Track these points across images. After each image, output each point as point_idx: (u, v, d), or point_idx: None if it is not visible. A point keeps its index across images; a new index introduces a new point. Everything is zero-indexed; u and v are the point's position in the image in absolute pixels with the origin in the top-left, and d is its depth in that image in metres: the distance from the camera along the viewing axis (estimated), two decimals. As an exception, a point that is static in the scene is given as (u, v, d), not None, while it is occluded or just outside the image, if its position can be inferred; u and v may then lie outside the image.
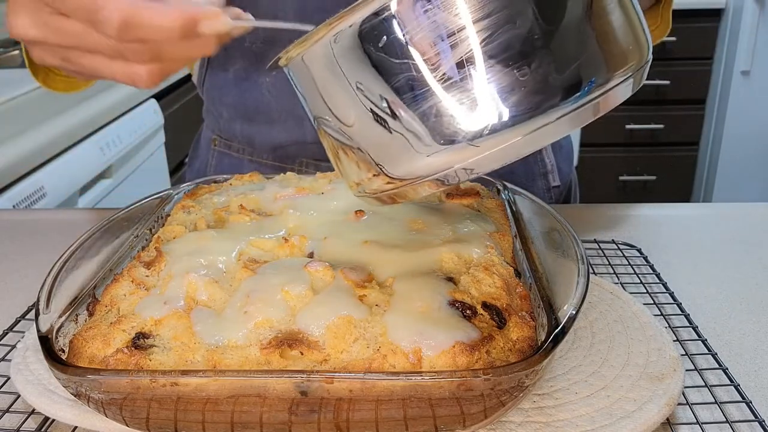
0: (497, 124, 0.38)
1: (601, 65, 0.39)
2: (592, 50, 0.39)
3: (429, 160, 0.39)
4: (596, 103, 0.39)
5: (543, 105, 0.38)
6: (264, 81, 0.87)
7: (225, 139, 0.98)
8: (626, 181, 3.04)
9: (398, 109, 0.39)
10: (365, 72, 0.39)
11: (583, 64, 0.38)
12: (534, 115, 0.38)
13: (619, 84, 0.40)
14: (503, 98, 0.37)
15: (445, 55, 0.37)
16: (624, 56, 0.40)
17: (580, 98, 0.38)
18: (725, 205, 0.95)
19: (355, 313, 0.47)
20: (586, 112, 0.39)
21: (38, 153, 1.41)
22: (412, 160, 0.40)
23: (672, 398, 0.49)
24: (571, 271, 0.49)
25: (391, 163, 0.41)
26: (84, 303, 0.52)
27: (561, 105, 0.38)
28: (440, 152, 0.39)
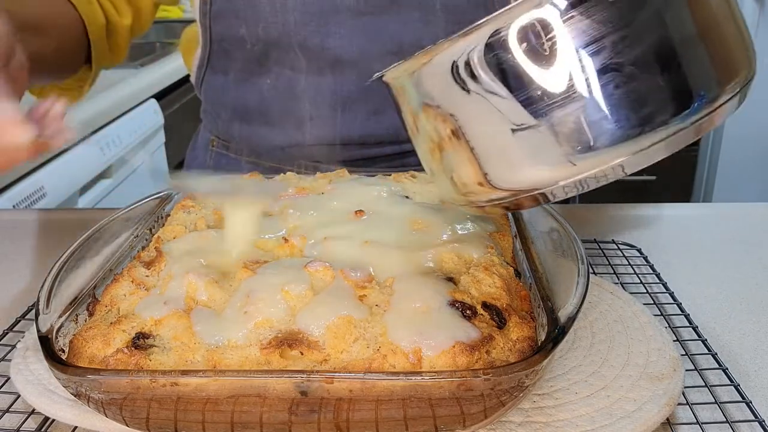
0: (605, 143, 0.37)
1: (713, 80, 0.37)
2: (706, 65, 0.37)
3: (533, 173, 0.39)
4: (707, 119, 0.38)
5: (653, 122, 0.37)
6: (264, 83, 0.87)
7: (223, 140, 0.97)
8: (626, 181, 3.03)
9: (517, 121, 0.38)
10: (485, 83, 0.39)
11: (697, 80, 0.37)
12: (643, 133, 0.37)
13: (728, 101, 0.38)
14: (614, 118, 0.37)
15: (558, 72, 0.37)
16: (735, 70, 0.38)
17: (690, 115, 0.37)
18: (725, 205, 0.95)
19: (355, 313, 0.47)
20: (694, 130, 0.38)
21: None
22: (518, 171, 0.40)
23: (672, 398, 0.49)
24: (571, 271, 0.49)
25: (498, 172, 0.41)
26: (84, 303, 0.52)
27: (671, 123, 0.37)
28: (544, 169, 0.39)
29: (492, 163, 0.41)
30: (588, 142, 0.37)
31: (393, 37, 0.80)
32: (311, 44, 0.82)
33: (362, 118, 0.86)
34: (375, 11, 0.79)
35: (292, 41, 0.82)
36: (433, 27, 0.79)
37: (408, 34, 0.80)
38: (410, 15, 0.79)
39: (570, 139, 0.38)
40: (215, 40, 0.87)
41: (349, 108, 0.85)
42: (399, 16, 0.79)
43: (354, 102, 0.85)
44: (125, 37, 0.90)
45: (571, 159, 0.38)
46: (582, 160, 0.38)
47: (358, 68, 0.82)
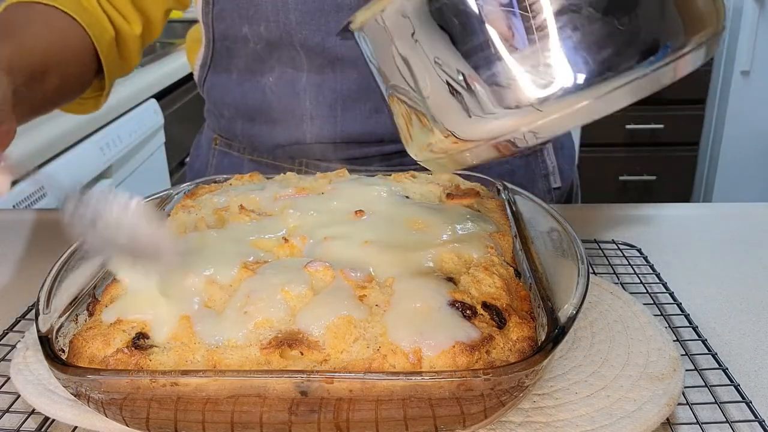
0: (568, 87, 0.37)
1: (679, 29, 0.38)
2: (670, 12, 0.37)
3: (496, 123, 0.39)
4: (671, 67, 0.38)
5: (615, 67, 0.37)
6: (266, 81, 0.87)
7: (226, 138, 0.98)
8: (626, 181, 3.04)
9: (468, 72, 0.38)
10: (437, 33, 0.39)
11: (660, 27, 0.37)
12: (606, 78, 0.37)
13: (693, 50, 0.38)
14: (575, 61, 0.37)
15: (514, 18, 0.37)
16: (701, 22, 0.38)
17: (655, 62, 0.37)
18: (725, 205, 0.95)
19: (355, 313, 0.47)
20: (658, 76, 0.38)
21: (38, 153, 1.41)
22: (481, 123, 0.40)
23: (672, 398, 0.49)
24: (571, 271, 0.49)
25: (460, 126, 0.41)
26: (84, 303, 0.52)
27: (635, 68, 0.37)
28: (506, 116, 0.39)
29: (455, 116, 0.41)
30: (550, 87, 0.37)
31: None
32: (312, 43, 0.82)
33: (363, 117, 0.86)
34: None
35: (293, 40, 0.82)
36: None
37: None
38: None
39: (531, 83, 0.38)
40: (218, 39, 0.88)
41: (350, 106, 0.85)
42: None
43: (354, 100, 0.85)
44: (136, 45, 0.90)
45: (534, 104, 0.38)
46: (545, 106, 0.38)
47: (359, 67, 0.83)
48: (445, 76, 0.40)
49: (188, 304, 0.50)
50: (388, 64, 0.43)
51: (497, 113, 0.39)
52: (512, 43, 0.37)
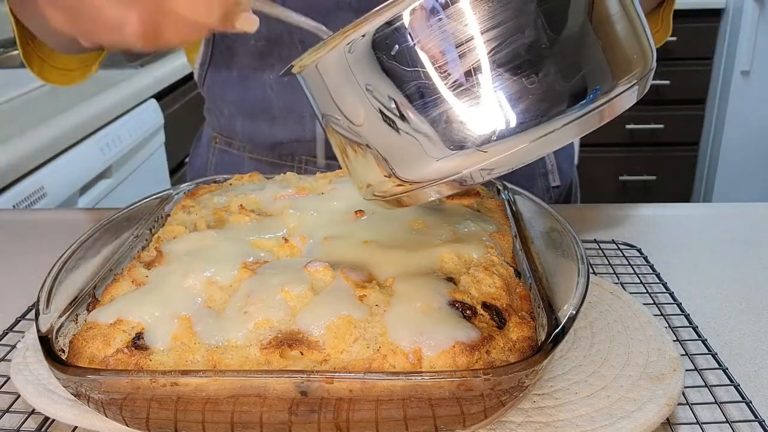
0: (505, 130, 0.38)
1: (607, 73, 0.40)
2: (598, 58, 0.39)
3: (439, 164, 0.40)
4: (602, 110, 0.40)
5: (550, 112, 0.38)
6: (267, 79, 0.88)
7: (225, 136, 0.98)
8: (626, 181, 3.04)
9: (409, 116, 0.40)
10: (378, 79, 0.40)
11: (589, 72, 0.39)
12: (541, 121, 0.38)
13: (625, 91, 0.40)
14: (511, 105, 0.38)
15: (455, 64, 0.38)
16: (629, 64, 0.40)
17: (585, 105, 0.39)
18: (725, 205, 0.95)
19: (355, 313, 0.47)
20: (591, 118, 0.39)
21: (38, 153, 1.41)
22: (423, 164, 0.41)
23: (672, 398, 0.49)
24: (571, 271, 0.49)
25: (402, 167, 0.42)
26: (84, 303, 0.52)
27: (567, 112, 0.38)
28: (449, 157, 0.40)
29: (396, 162, 0.42)
30: (490, 133, 0.39)
31: None
32: (312, 40, 0.82)
33: None
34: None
35: (293, 38, 0.82)
36: None
37: None
38: None
39: (470, 127, 0.39)
40: (218, 37, 0.88)
41: None
42: None
43: None
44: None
45: (478, 148, 0.39)
46: (487, 148, 0.39)
47: None
48: (386, 119, 0.41)
49: (188, 305, 0.50)
50: (328, 106, 0.44)
51: (439, 155, 0.40)
52: (451, 89, 0.38)
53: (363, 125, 0.42)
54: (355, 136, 0.43)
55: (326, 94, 0.43)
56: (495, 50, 0.37)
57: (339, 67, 0.41)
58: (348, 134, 0.43)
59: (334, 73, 0.42)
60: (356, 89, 0.41)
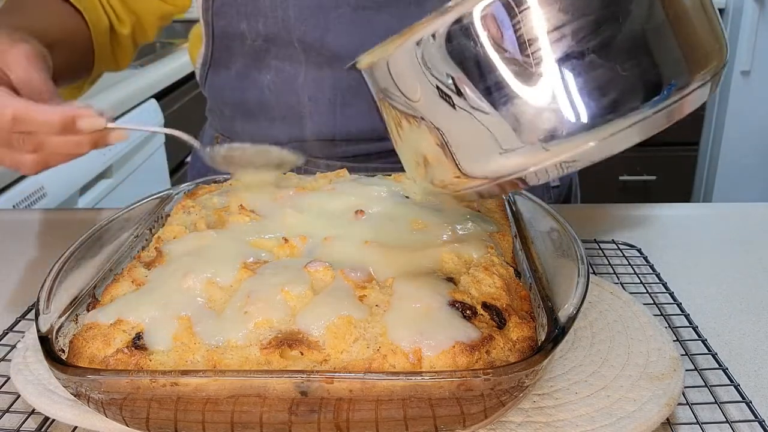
0: (573, 128, 0.37)
1: (683, 68, 0.38)
2: (674, 52, 0.38)
3: (504, 161, 0.39)
4: (672, 108, 0.38)
5: (621, 108, 0.37)
6: (264, 79, 0.88)
7: (227, 136, 0.98)
8: (626, 181, 3.04)
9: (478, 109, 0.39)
10: (453, 72, 0.39)
11: (664, 68, 0.38)
12: (610, 120, 0.37)
13: (699, 88, 0.39)
14: (579, 103, 0.37)
15: (525, 63, 0.37)
16: (705, 59, 0.39)
17: (660, 102, 0.37)
18: (725, 205, 0.95)
19: (355, 313, 0.47)
20: (663, 116, 0.38)
21: (38, 153, 1.41)
22: (490, 160, 0.40)
23: (672, 398, 0.49)
24: (571, 271, 0.49)
25: (469, 162, 0.41)
26: (84, 303, 0.52)
27: (639, 109, 0.37)
28: (516, 154, 0.39)
29: (465, 154, 0.41)
30: (557, 129, 0.38)
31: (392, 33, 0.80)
32: (310, 39, 0.82)
33: (362, 113, 0.86)
34: (374, 6, 0.80)
35: (291, 36, 0.83)
36: None
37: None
38: (408, 10, 0.80)
39: (538, 125, 0.38)
40: (217, 37, 0.88)
41: (349, 102, 0.85)
42: (397, 11, 0.80)
43: (353, 96, 0.85)
44: (127, 45, 0.92)
45: (543, 145, 0.38)
46: (553, 146, 0.38)
47: None
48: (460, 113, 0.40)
49: (188, 305, 0.50)
50: (399, 100, 0.43)
51: (507, 151, 0.39)
52: (520, 86, 0.38)
53: (436, 120, 0.41)
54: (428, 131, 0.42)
55: (395, 90, 0.43)
56: (568, 45, 0.36)
57: (410, 62, 0.41)
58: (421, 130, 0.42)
59: (406, 67, 0.41)
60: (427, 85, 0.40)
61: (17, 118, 0.57)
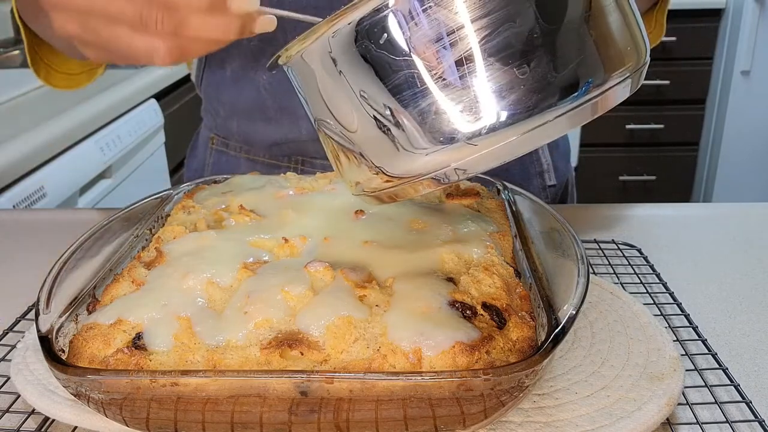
0: (494, 123, 0.38)
1: (599, 66, 0.39)
2: (591, 51, 0.39)
3: (426, 158, 0.40)
4: (594, 103, 0.39)
5: (540, 104, 0.38)
6: (260, 79, 0.88)
7: (222, 137, 0.98)
8: (626, 181, 3.04)
9: (396, 108, 0.39)
10: (363, 70, 0.39)
11: (582, 65, 0.39)
12: (531, 114, 0.38)
13: (617, 84, 0.40)
14: (501, 97, 0.37)
15: (443, 54, 0.37)
16: (622, 57, 0.40)
17: (577, 98, 0.38)
18: (725, 205, 0.95)
19: (355, 313, 0.47)
20: (583, 112, 0.39)
21: (38, 153, 1.41)
22: (410, 159, 0.40)
23: (672, 398, 0.49)
24: (571, 271, 0.49)
25: (390, 162, 0.41)
26: (84, 303, 0.52)
27: (558, 104, 0.38)
28: (438, 151, 0.39)
29: (383, 157, 0.41)
30: (477, 123, 0.38)
31: None
32: None
33: None
34: None
35: (287, 37, 0.82)
36: None
37: None
38: None
39: (459, 119, 0.38)
40: None
41: None
42: None
43: None
44: None
45: (464, 139, 0.39)
46: (474, 141, 0.38)
47: None
48: (372, 111, 0.40)
49: (188, 305, 0.50)
50: (314, 99, 0.43)
51: (427, 149, 0.39)
52: (440, 80, 0.38)
53: (350, 118, 0.41)
54: (342, 132, 0.42)
55: (313, 85, 0.43)
56: (485, 40, 0.37)
57: (324, 57, 0.41)
58: (335, 130, 0.43)
59: (320, 63, 0.41)
60: (341, 81, 0.40)
61: None
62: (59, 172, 1.48)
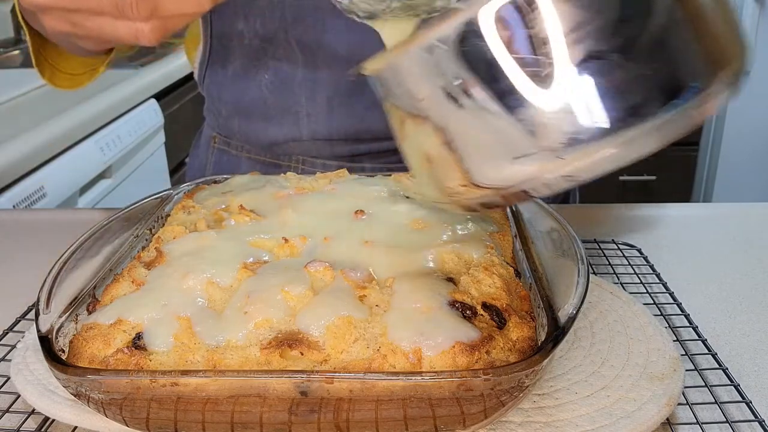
0: (589, 133, 0.36)
1: (703, 70, 0.36)
2: (695, 53, 0.36)
3: (517, 168, 0.38)
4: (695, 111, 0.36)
5: (641, 112, 0.36)
6: (262, 78, 0.88)
7: (224, 136, 0.98)
8: (626, 181, 3.04)
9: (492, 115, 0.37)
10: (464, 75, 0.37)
11: (685, 68, 0.36)
12: (630, 124, 0.36)
13: (720, 90, 0.37)
14: (598, 107, 0.35)
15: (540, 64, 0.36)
16: (727, 60, 0.37)
17: (679, 105, 0.36)
18: (725, 205, 0.95)
19: (355, 313, 0.47)
20: (684, 119, 0.36)
21: (38, 153, 1.41)
22: (501, 168, 0.38)
23: (672, 398, 0.50)
24: (571, 271, 0.49)
25: (480, 169, 0.40)
26: (84, 303, 0.52)
27: (660, 112, 0.36)
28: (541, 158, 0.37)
29: (473, 161, 0.40)
30: (571, 135, 0.36)
31: None
32: (307, 40, 0.82)
33: (358, 113, 0.86)
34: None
35: (288, 36, 0.83)
36: None
37: None
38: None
39: (551, 132, 0.36)
40: (215, 36, 0.88)
41: (345, 102, 0.86)
42: None
43: (350, 97, 0.85)
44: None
45: (557, 153, 0.37)
46: (567, 154, 0.37)
47: (354, 63, 0.83)
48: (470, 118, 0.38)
49: (188, 305, 0.50)
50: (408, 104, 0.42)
51: (520, 157, 0.37)
52: (534, 90, 0.36)
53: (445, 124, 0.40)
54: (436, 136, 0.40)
55: (404, 93, 0.41)
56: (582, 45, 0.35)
57: (420, 65, 0.39)
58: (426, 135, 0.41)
59: (415, 72, 0.40)
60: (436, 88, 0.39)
61: None
62: (59, 172, 1.48)
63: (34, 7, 0.55)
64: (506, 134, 0.37)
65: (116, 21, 0.53)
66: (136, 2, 0.51)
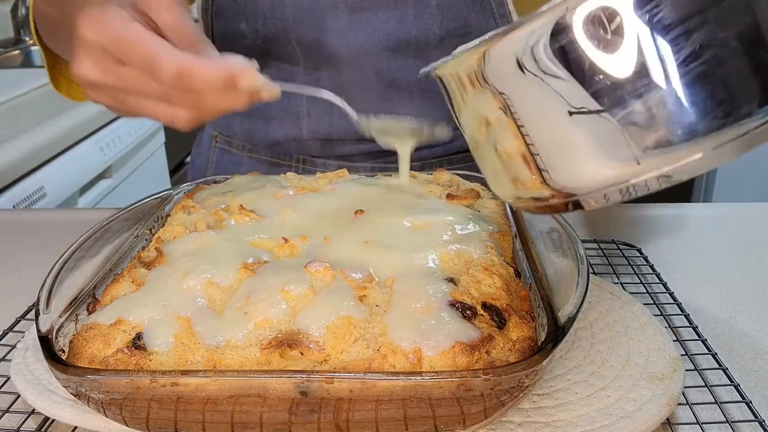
0: (681, 136, 0.35)
1: None
2: None
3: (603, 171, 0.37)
4: None
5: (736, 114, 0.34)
6: None
7: (225, 136, 0.99)
8: (626, 181, 3.03)
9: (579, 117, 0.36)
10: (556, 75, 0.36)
11: None
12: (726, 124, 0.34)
13: None
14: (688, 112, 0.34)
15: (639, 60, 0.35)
16: None
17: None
18: (725, 205, 0.95)
19: (355, 313, 0.47)
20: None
21: (38, 153, 1.41)
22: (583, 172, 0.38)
23: (672, 398, 0.49)
24: (571, 271, 0.49)
25: (560, 172, 0.39)
26: (84, 303, 0.52)
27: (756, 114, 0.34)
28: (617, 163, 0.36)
29: (554, 162, 0.38)
30: (663, 136, 0.35)
31: (389, 33, 0.81)
32: (308, 40, 0.82)
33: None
34: (371, 7, 0.80)
35: (289, 37, 0.83)
36: (428, 23, 0.80)
37: (403, 30, 0.81)
38: (405, 11, 0.80)
39: (642, 132, 0.35)
40: (216, 37, 0.88)
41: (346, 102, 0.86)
42: (395, 12, 0.80)
43: (350, 97, 0.85)
44: None
45: (645, 154, 0.36)
46: (655, 156, 0.36)
47: (355, 64, 0.83)
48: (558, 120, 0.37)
49: (188, 305, 0.50)
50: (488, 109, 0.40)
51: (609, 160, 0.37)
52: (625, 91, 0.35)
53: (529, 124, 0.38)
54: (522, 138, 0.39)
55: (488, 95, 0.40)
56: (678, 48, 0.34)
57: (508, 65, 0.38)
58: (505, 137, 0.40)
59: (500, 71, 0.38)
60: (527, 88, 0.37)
61: (182, 73, 0.52)
62: (59, 172, 1.48)
63: (84, 84, 0.57)
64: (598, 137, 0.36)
65: (158, 103, 0.55)
66: (184, 95, 0.54)
